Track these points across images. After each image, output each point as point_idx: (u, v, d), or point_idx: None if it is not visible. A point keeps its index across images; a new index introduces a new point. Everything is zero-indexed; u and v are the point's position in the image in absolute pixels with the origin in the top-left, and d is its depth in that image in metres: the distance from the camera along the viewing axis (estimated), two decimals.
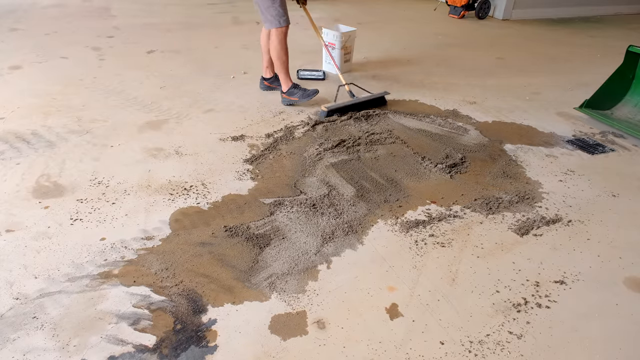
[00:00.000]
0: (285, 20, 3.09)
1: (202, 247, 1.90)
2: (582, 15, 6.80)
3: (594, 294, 1.76)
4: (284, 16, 3.07)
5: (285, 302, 1.67)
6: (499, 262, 1.89)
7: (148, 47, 4.49)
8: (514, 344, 1.54)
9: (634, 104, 3.21)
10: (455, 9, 6.23)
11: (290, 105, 3.28)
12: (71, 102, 3.22)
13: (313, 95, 3.23)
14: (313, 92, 3.23)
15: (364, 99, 3.18)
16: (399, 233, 2.04)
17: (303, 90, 3.25)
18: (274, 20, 3.07)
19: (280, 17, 3.06)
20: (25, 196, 2.19)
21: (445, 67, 4.25)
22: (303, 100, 3.24)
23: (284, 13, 3.07)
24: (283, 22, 3.09)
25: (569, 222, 2.15)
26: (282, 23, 3.08)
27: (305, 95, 3.23)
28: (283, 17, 3.07)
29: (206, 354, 1.46)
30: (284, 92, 3.27)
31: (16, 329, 1.52)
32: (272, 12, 3.04)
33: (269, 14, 3.06)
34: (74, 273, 1.75)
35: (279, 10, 3.03)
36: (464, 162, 2.59)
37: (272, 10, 3.03)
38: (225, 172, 2.45)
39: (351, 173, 2.46)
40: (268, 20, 3.09)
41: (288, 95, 3.26)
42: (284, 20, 3.09)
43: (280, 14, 3.05)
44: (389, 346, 1.51)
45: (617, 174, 2.57)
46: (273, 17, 3.05)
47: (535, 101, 3.55)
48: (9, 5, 5.95)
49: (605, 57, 4.73)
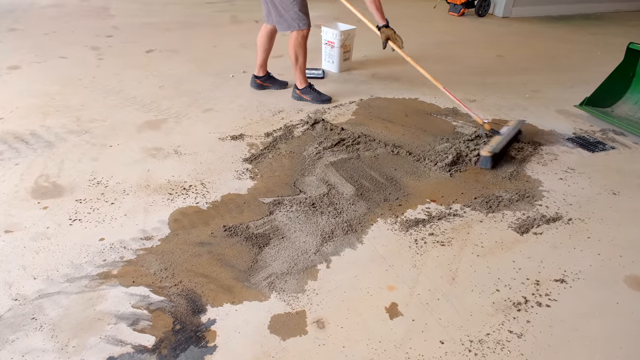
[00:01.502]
0: (305, 24, 3.00)
1: (201, 247, 1.90)
2: (582, 12, 6.78)
3: (595, 292, 1.75)
4: (304, 19, 2.98)
5: (284, 301, 1.66)
6: (499, 260, 1.89)
7: (147, 47, 4.48)
8: (514, 343, 1.53)
9: (635, 102, 3.20)
10: (455, 6, 6.21)
11: (299, 100, 3.31)
12: (70, 102, 3.21)
13: (327, 102, 3.25)
14: (327, 99, 3.26)
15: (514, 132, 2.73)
16: (398, 232, 2.03)
17: (317, 93, 3.27)
18: (293, 22, 2.97)
19: (300, 20, 2.97)
20: (24, 197, 2.19)
21: (445, 64, 4.24)
22: (315, 103, 3.25)
23: (304, 16, 2.98)
24: (303, 25, 2.99)
25: (569, 221, 2.14)
26: (302, 26, 2.99)
27: (318, 99, 3.25)
28: (303, 20, 2.98)
29: (205, 354, 1.46)
30: (299, 88, 3.28)
31: (15, 330, 1.52)
32: (292, 14, 2.94)
33: (288, 16, 2.96)
34: (73, 274, 1.75)
35: (298, 13, 2.94)
36: (464, 161, 2.58)
37: (292, 13, 2.94)
38: (225, 171, 2.44)
39: (351, 172, 2.45)
40: (286, 22, 2.99)
41: (302, 92, 3.28)
42: (304, 23, 2.99)
43: (300, 17, 2.96)
44: (389, 346, 1.51)
45: (618, 172, 2.56)
46: (293, 19, 2.96)
47: (535, 99, 3.54)
48: (8, 5, 5.94)
49: (606, 54, 4.71)
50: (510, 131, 2.70)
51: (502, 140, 2.60)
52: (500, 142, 2.58)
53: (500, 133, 2.69)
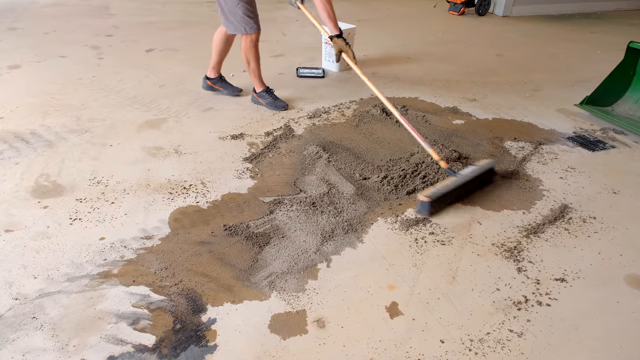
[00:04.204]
0: (252, 28, 2.83)
1: (202, 247, 1.90)
2: (582, 11, 6.78)
3: (595, 291, 1.75)
4: (250, 23, 2.81)
5: (285, 301, 1.66)
6: (500, 260, 1.89)
7: (147, 46, 4.48)
8: (514, 342, 1.53)
9: (635, 101, 3.20)
10: (455, 5, 6.21)
11: (256, 103, 3.21)
12: (70, 101, 3.21)
13: (282, 109, 3.12)
14: (282, 105, 3.12)
15: (474, 175, 2.25)
16: (399, 231, 2.03)
17: (274, 98, 3.14)
18: (239, 25, 2.82)
19: (247, 24, 2.80)
20: (25, 196, 2.19)
21: (445, 64, 4.24)
22: (269, 108, 3.13)
23: (250, 20, 2.80)
24: (250, 29, 2.83)
25: (569, 220, 2.14)
26: (249, 30, 2.83)
27: (273, 105, 3.12)
28: (250, 24, 2.81)
29: (206, 354, 1.46)
30: (256, 92, 3.17)
31: (15, 330, 1.52)
32: (237, 17, 2.79)
33: (234, 19, 2.81)
34: (74, 273, 1.75)
35: (243, 17, 2.77)
36: (464, 160, 2.58)
37: (237, 16, 2.79)
38: (225, 170, 2.44)
39: (350, 171, 2.45)
40: (233, 25, 2.84)
41: (259, 96, 3.16)
42: (251, 27, 2.82)
43: (246, 20, 2.79)
44: (389, 345, 1.51)
45: (618, 171, 2.56)
46: (239, 22, 2.81)
47: (535, 98, 3.53)
48: (8, 4, 5.94)
49: (606, 53, 4.71)
50: (471, 173, 2.24)
51: (453, 183, 2.17)
52: (447, 186, 2.15)
53: (456, 174, 2.23)
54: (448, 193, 2.14)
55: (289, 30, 5.20)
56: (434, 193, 2.09)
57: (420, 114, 3.13)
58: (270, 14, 5.84)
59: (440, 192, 2.10)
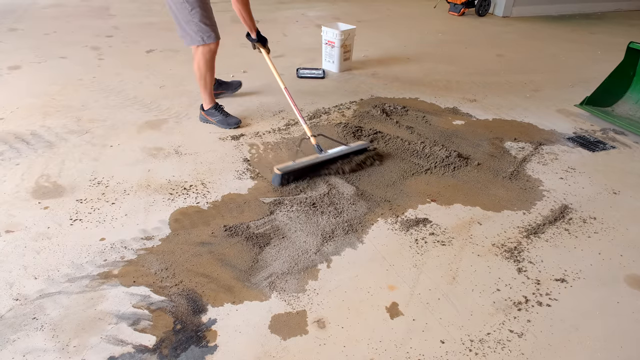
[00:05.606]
0: (211, 37, 2.64)
1: (202, 247, 1.90)
2: (582, 11, 6.78)
3: (595, 292, 1.75)
4: (208, 31, 2.62)
5: (285, 301, 1.66)
6: (500, 260, 1.89)
7: (147, 47, 4.48)
8: (514, 342, 1.53)
9: (635, 101, 3.20)
10: (455, 6, 6.21)
11: (205, 122, 2.95)
12: (70, 102, 3.21)
13: (234, 126, 2.87)
14: (235, 122, 2.87)
15: (335, 154, 2.42)
16: (399, 232, 2.03)
17: (225, 115, 2.89)
18: (195, 36, 2.62)
19: (204, 32, 2.62)
20: (25, 197, 2.19)
21: (446, 64, 4.24)
22: (220, 126, 2.89)
23: (207, 28, 2.61)
24: (208, 39, 2.64)
25: (569, 220, 2.14)
26: (207, 40, 2.64)
27: (224, 123, 2.87)
28: (207, 33, 2.63)
29: (206, 354, 1.46)
30: (204, 110, 2.92)
31: (16, 330, 1.52)
32: (193, 26, 2.59)
33: (189, 29, 2.61)
34: (74, 273, 1.75)
35: (200, 25, 2.58)
36: (464, 160, 2.58)
37: (193, 25, 2.59)
38: (225, 171, 2.45)
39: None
40: (189, 35, 2.63)
41: (207, 114, 2.91)
42: (209, 36, 2.64)
43: (203, 29, 2.60)
44: (389, 345, 1.51)
45: (618, 171, 2.56)
46: (195, 32, 2.61)
47: (535, 98, 3.54)
48: (8, 5, 5.94)
49: (606, 53, 4.71)
50: (335, 153, 2.41)
51: (310, 160, 2.34)
52: (303, 162, 2.31)
53: (321, 151, 2.39)
54: (303, 168, 2.33)
55: (290, 31, 5.20)
56: (287, 166, 2.28)
57: (420, 115, 3.13)
58: (271, 14, 5.84)
59: (293, 167, 2.29)
